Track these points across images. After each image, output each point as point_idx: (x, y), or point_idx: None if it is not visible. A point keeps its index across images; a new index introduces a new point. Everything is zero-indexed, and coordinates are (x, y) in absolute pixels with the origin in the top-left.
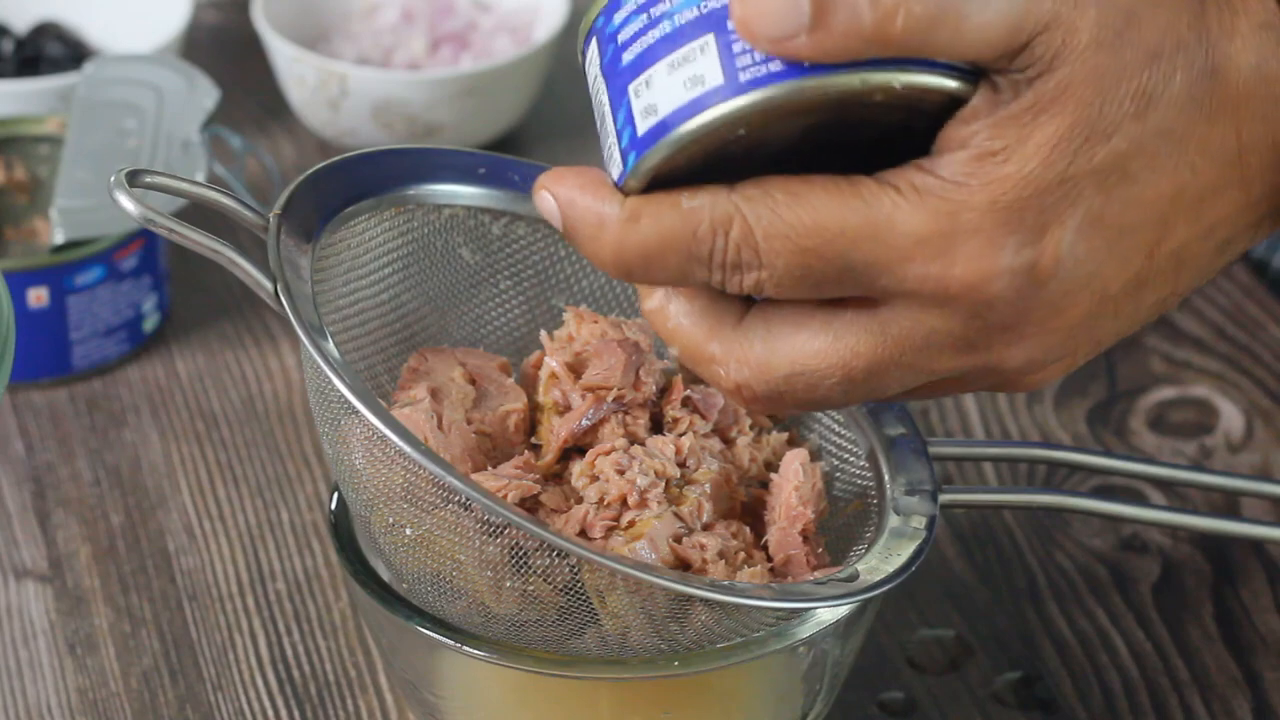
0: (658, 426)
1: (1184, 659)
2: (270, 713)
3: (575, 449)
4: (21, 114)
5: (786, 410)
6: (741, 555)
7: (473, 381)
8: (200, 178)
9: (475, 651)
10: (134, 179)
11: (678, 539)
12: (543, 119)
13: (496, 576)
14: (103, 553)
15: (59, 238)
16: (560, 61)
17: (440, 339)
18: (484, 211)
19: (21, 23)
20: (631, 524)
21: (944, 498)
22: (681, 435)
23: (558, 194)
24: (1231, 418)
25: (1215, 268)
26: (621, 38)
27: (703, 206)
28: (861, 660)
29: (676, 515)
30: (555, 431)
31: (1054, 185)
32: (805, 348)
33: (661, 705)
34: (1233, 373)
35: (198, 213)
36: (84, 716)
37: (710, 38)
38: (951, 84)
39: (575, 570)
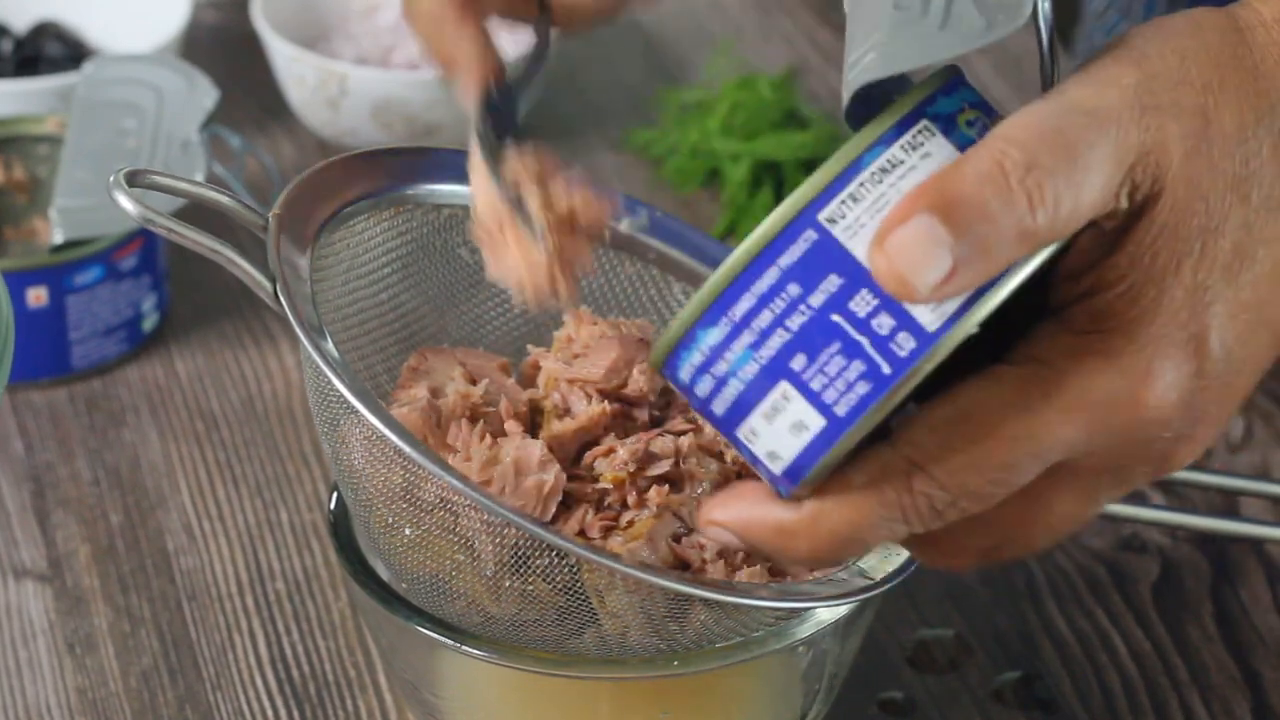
0: (658, 426)
1: (1183, 658)
2: (270, 712)
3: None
4: (21, 114)
5: (993, 564)
6: (741, 555)
7: (473, 381)
8: (200, 177)
9: (475, 651)
10: (133, 179)
11: (677, 539)
12: (543, 119)
13: (496, 576)
14: (102, 552)
15: (58, 237)
16: (560, 61)
17: (439, 339)
18: None
19: (21, 22)
20: (631, 524)
21: None
22: (682, 435)
23: (729, 524)
24: (1231, 417)
25: None
26: (700, 393)
27: (877, 479)
28: (861, 660)
29: (676, 515)
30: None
31: (1188, 298)
32: (1004, 522)
33: (661, 705)
34: None
35: (197, 212)
36: (83, 716)
37: (785, 385)
38: (1059, 244)
39: (575, 570)
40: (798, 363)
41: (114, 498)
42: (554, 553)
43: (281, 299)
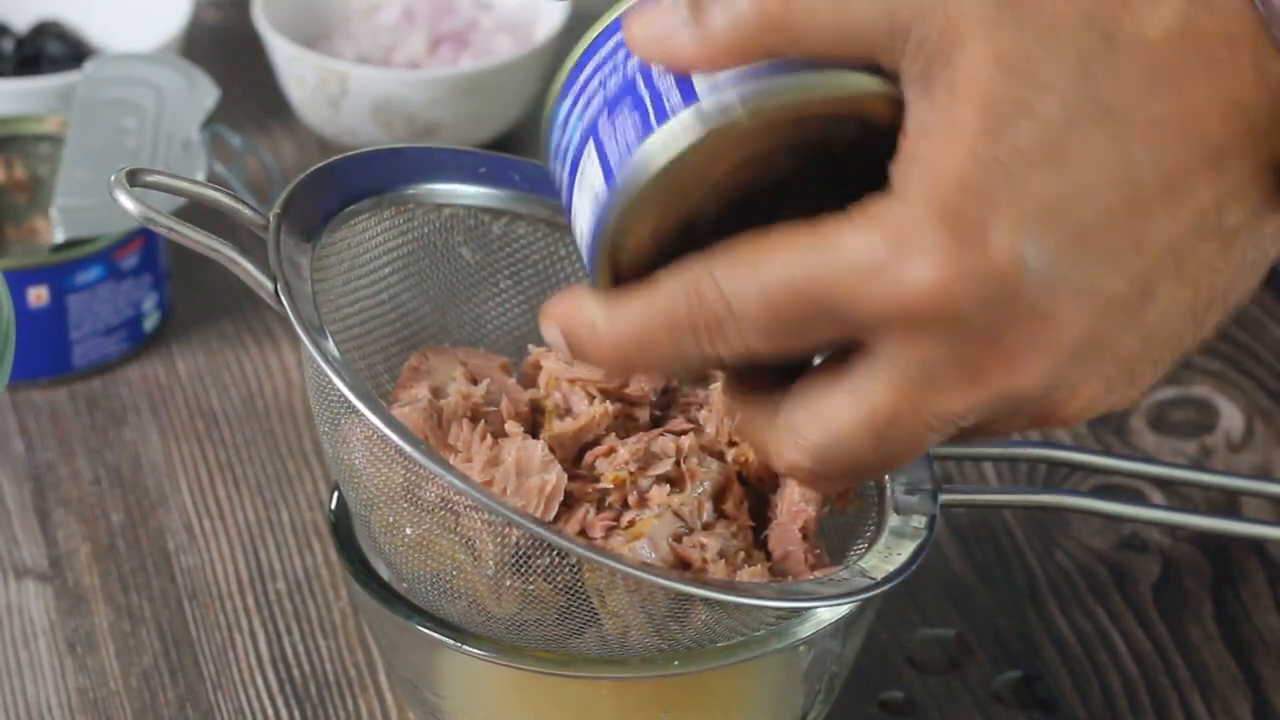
0: (659, 426)
1: (1184, 658)
2: (270, 712)
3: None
4: (22, 113)
5: (844, 484)
6: (741, 555)
7: (474, 381)
8: (200, 177)
9: (475, 651)
10: (134, 178)
11: (678, 538)
12: (543, 119)
13: (497, 576)
14: (103, 551)
15: (59, 236)
16: (560, 61)
17: (440, 338)
18: (484, 211)
19: (22, 22)
20: (631, 523)
21: (944, 497)
22: (682, 435)
23: (552, 315)
24: (1232, 417)
25: (1230, 272)
26: (561, 182)
27: (676, 279)
28: (861, 660)
29: (676, 515)
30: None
31: (985, 174)
32: (830, 411)
33: (662, 704)
34: (1233, 372)
35: (198, 212)
36: (84, 716)
37: (590, 147)
38: (861, 79)
39: (576, 570)
40: (602, 122)
41: (115, 497)
42: (555, 552)
43: (282, 298)
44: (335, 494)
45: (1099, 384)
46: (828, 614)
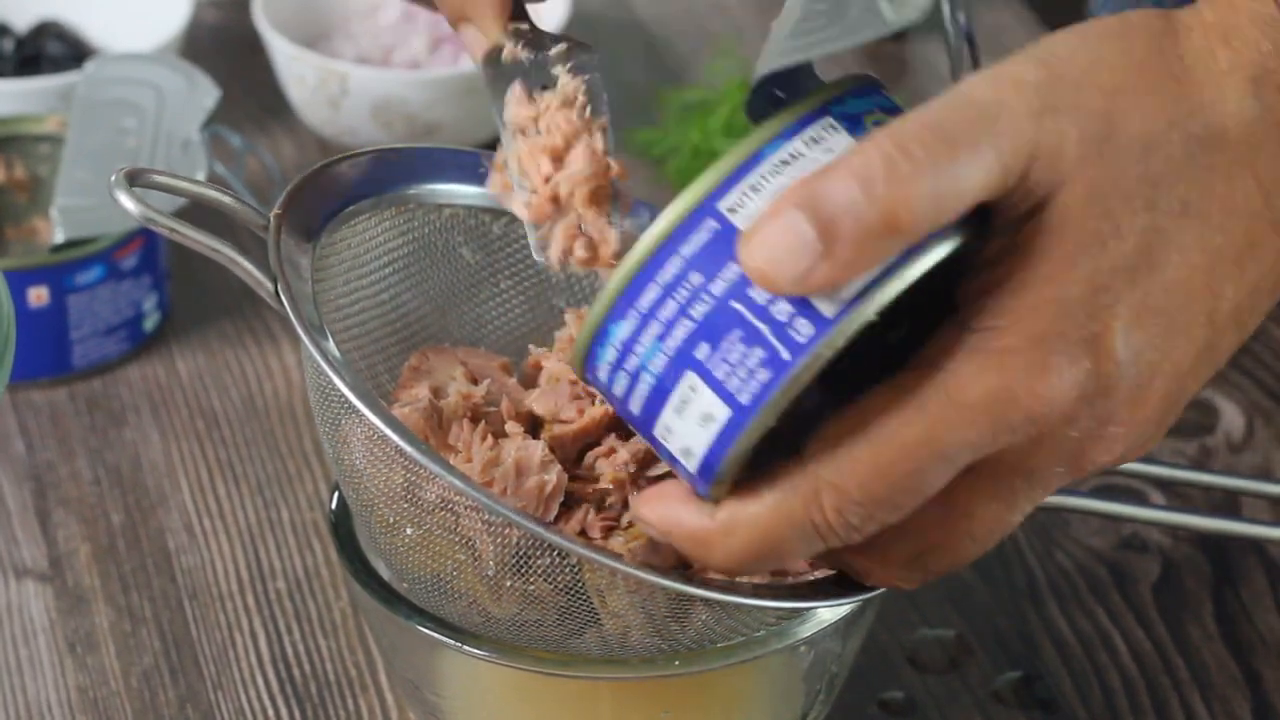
0: None
1: (1184, 658)
2: (270, 712)
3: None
4: (22, 113)
5: (929, 579)
6: None
7: (474, 381)
8: (200, 177)
9: (476, 651)
10: (134, 178)
11: None
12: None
13: (497, 576)
14: (103, 551)
15: (59, 237)
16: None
17: (441, 338)
18: (484, 211)
19: (22, 22)
20: (632, 524)
21: None
22: None
23: (654, 522)
24: (1232, 418)
25: (1267, 310)
26: (617, 392)
27: (785, 495)
28: (862, 660)
29: None
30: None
31: (1085, 297)
32: (926, 529)
33: (662, 705)
34: (1233, 373)
35: (198, 212)
36: (84, 715)
37: (692, 376)
38: (959, 240)
39: (576, 570)
40: (702, 352)
41: (115, 497)
42: (555, 553)
43: (282, 298)
44: (335, 494)
45: (1160, 436)
46: (828, 614)
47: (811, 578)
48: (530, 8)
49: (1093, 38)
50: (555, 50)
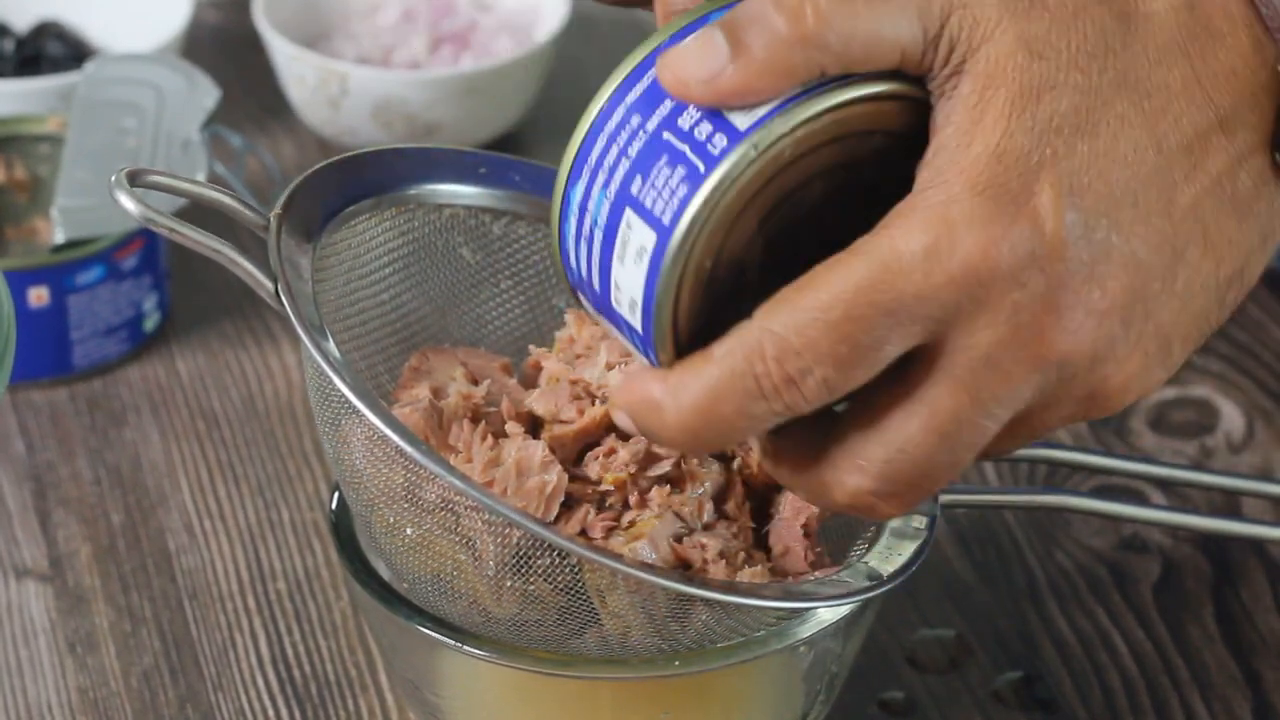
0: None
1: (1184, 658)
2: (271, 712)
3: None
4: (22, 113)
5: (911, 499)
6: (742, 556)
7: (475, 382)
8: (200, 177)
9: (476, 651)
10: (134, 179)
11: (678, 539)
12: (543, 119)
13: (497, 577)
14: (103, 552)
15: (59, 237)
16: (560, 61)
17: (441, 339)
18: (485, 211)
19: (22, 22)
20: (632, 524)
21: (944, 497)
22: None
23: (618, 400)
24: (1232, 418)
25: (1245, 239)
26: (580, 268)
27: (732, 347)
28: (862, 660)
29: (677, 515)
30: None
31: (1023, 150)
32: (891, 426)
33: (662, 705)
34: (1233, 373)
35: (198, 212)
36: (84, 715)
37: (628, 213)
38: (894, 85)
39: (576, 570)
40: (636, 185)
41: (115, 497)
42: (556, 553)
43: (282, 298)
44: (336, 494)
45: (1139, 359)
46: (828, 614)
47: (812, 578)
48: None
49: None
50: None
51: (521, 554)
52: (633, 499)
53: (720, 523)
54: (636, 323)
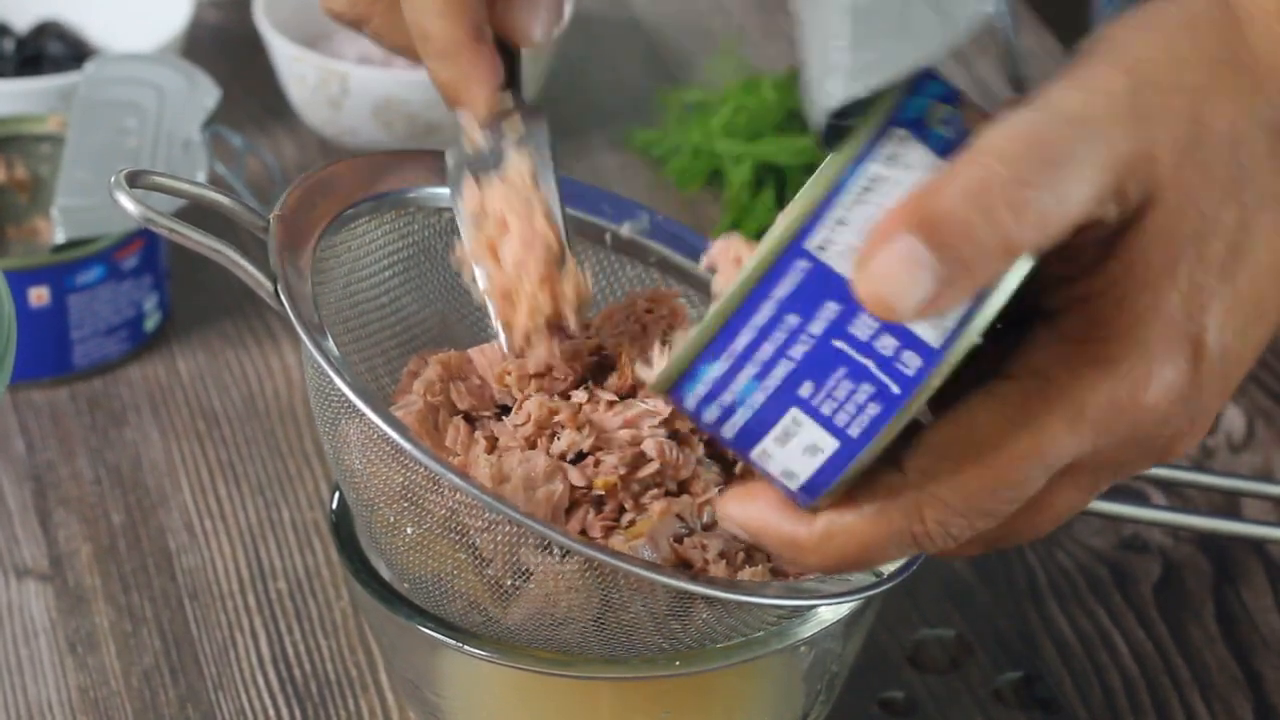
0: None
1: (1185, 658)
2: (271, 711)
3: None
4: (22, 113)
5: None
6: (742, 555)
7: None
8: (201, 177)
9: (476, 651)
10: (134, 179)
11: (679, 539)
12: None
13: (497, 576)
14: (103, 551)
15: (60, 237)
16: (560, 61)
17: (440, 342)
18: None
19: (22, 22)
20: (632, 523)
21: None
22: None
23: (745, 524)
24: (1233, 418)
25: None
26: (707, 419)
27: (886, 507)
28: (862, 660)
29: (678, 516)
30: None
31: (1185, 302)
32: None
33: (662, 705)
34: None
35: (198, 212)
36: (85, 715)
37: (795, 412)
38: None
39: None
40: (805, 390)
41: (115, 497)
42: (557, 552)
43: (282, 298)
44: (336, 494)
45: (1198, 438)
46: (828, 614)
47: (812, 577)
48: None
49: (1163, 32)
50: (506, 124)
51: (521, 553)
52: (628, 502)
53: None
54: (789, 484)
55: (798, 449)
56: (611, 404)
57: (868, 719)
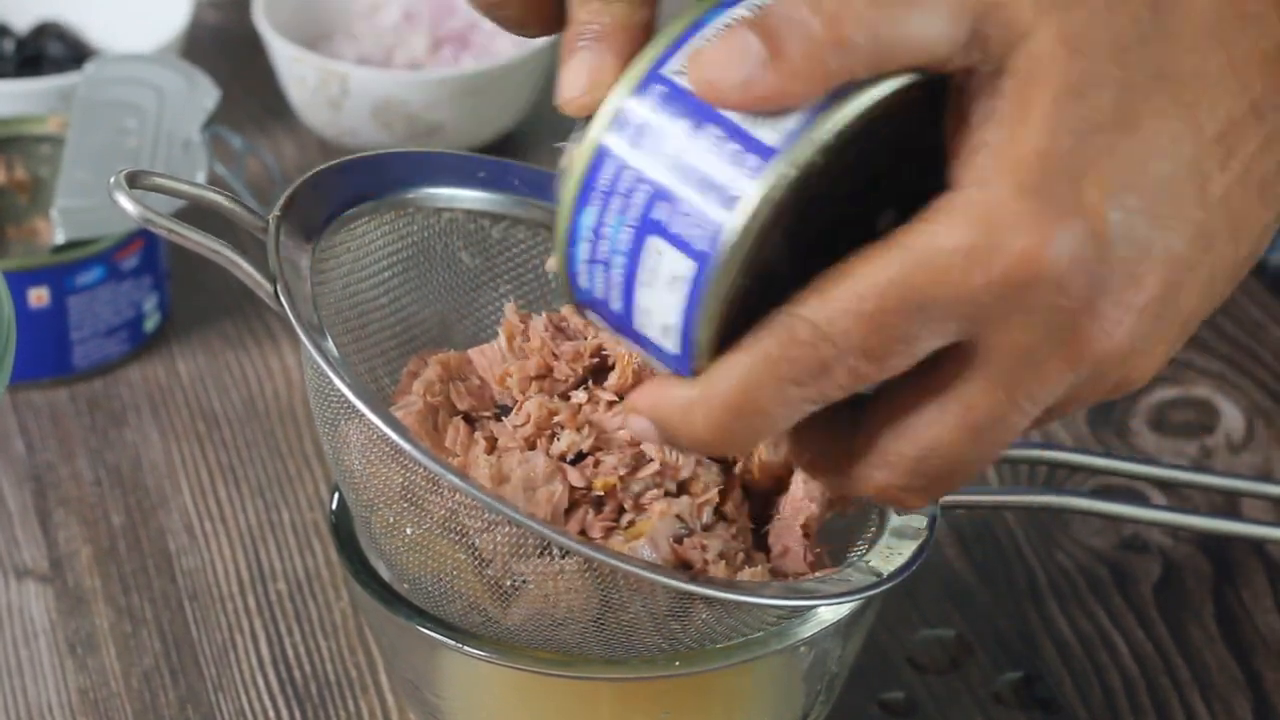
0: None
1: (1185, 659)
2: (271, 713)
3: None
4: (22, 114)
5: (940, 492)
6: (741, 556)
7: (453, 379)
8: (201, 177)
9: (476, 651)
10: (134, 180)
11: (678, 540)
12: (543, 119)
13: (497, 576)
14: (103, 553)
15: (60, 237)
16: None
17: (440, 343)
18: (484, 215)
19: (22, 22)
20: (631, 524)
21: (945, 498)
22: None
23: (642, 409)
24: (1232, 418)
25: (1264, 221)
26: (598, 293)
27: (762, 335)
28: (862, 660)
29: (677, 516)
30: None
31: (1071, 150)
32: (923, 424)
33: (662, 705)
34: (1233, 373)
35: (198, 212)
36: (85, 716)
37: (655, 240)
38: (909, 80)
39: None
40: (661, 211)
41: (115, 498)
42: (557, 552)
43: (282, 299)
44: (336, 495)
45: (1165, 348)
46: (828, 614)
47: (812, 577)
48: None
49: None
50: None
51: (521, 553)
52: (627, 503)
53: (719, 524)
54: (669, 345)
55: (664, 285)
56: (611, 404)
57: (868, 719)
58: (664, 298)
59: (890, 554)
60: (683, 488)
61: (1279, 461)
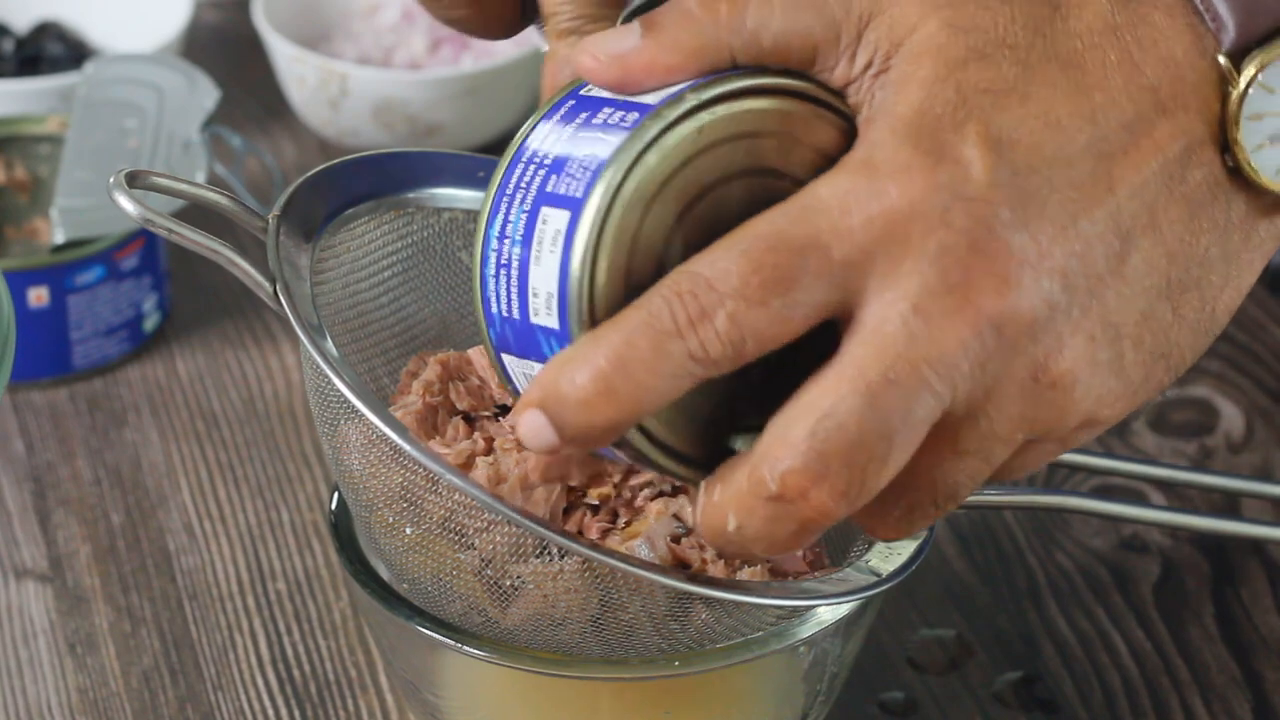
0: None
1: (1184, 659)
2: (270, 712)
3: None
4: (22, 114)
5: (855, 480)
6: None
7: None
8: (201, 177)
9: (475, 651)
10: (134, 180)
11: (675, 539)
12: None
13: (496, 576)
14: (103, 552)
15: (59, 237)
16: None
17: (440, 343)
18: None
19: (22, 22)
20: (629, 524)
21: None
22: None
23: (529, 397)
24: (1232, 418)
25: (1202, 242)
26: (501, 309)
27: (649, 292)
28: (862, 660)
29: (675, 516)
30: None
31: (951, 102)
32: (816, 393)
33: (662, 705)
34: (1233, 373)
35: (198, 212)
36: (84, 716)
37: (544, 209)
38: (807, 84)
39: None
40: (550, 182)
41: (115, 497)
42: (556, 553)
43: (281, 299)
44: (335, 495)
45: (1084, 342)
46: (828, 614)
47: (812, 577)
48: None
49: None
50: None
51: (521, 553)
52: (620, 509)
53: None
54: (553, 320)
55: (548, 251)
56: None
57: (868, 719)
58: (548, 264)
59: (890, 554)
60: (678, 488)
61: (1279, 461)
